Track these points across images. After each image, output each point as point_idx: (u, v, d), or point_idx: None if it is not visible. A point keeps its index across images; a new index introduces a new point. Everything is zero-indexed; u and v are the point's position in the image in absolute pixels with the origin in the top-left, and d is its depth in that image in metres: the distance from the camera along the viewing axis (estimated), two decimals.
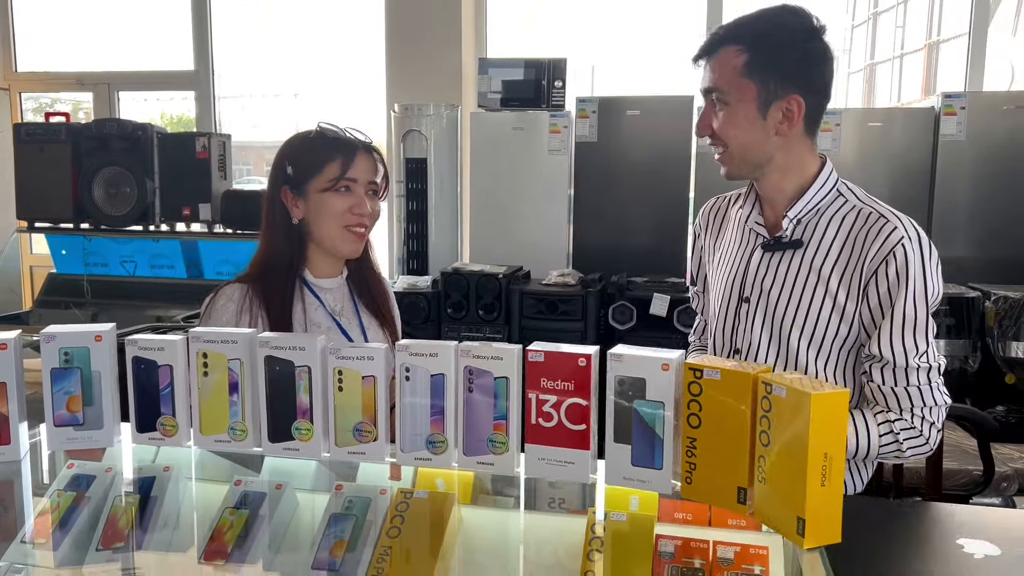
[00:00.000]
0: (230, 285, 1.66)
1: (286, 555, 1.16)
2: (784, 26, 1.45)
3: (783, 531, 0.96)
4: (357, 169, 1.62)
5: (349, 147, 1.63)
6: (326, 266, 1.69)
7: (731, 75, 1.44)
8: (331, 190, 1.61)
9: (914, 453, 1.44)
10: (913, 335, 1.41)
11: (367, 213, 1.64)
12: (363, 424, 1.17)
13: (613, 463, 1.10)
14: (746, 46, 1.44)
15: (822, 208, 1.50)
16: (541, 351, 1.11)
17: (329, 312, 1.68)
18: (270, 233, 1.67)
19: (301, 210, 1.63)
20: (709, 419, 1.03)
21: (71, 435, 1.22)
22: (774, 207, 1.56)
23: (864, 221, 1.46)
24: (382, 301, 1.78)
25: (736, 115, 1.46)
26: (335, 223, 1.62)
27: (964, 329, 3.21)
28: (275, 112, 7.91)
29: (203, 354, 1.20)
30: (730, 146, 1.49)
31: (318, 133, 1.64)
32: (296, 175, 1.62)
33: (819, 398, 0.90)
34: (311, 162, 1.62)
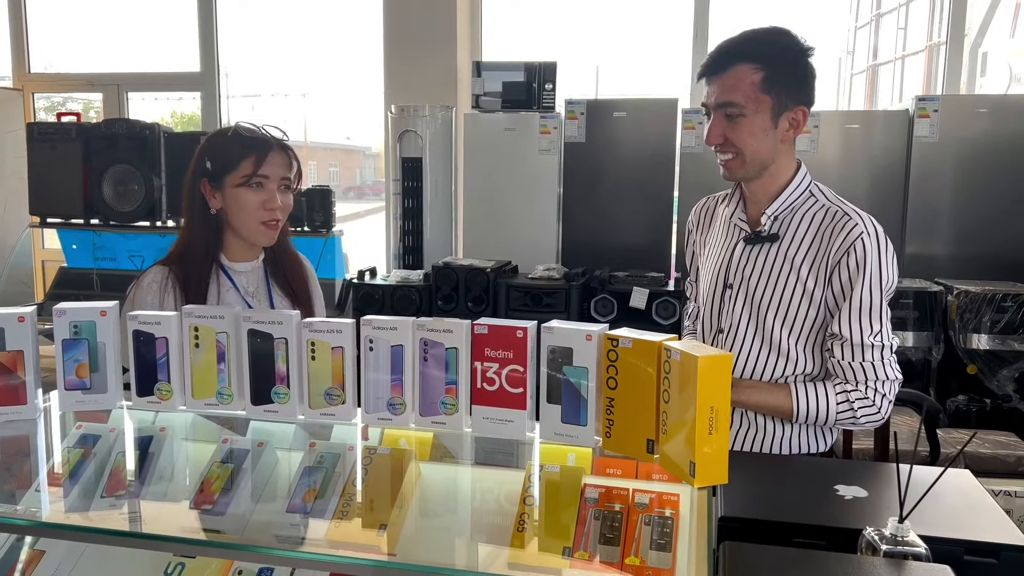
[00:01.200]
0: (153, 268, 1.82)
1: (265, 503, 1.33)
2: (790, 46, 1.65)
3: (679, 474, 1.13)
4: (269, 166, 1.77)
5: (263, 145, 1.78)
6: (242, 251, 1.85)
7: (749, 90, 1.62)
8: (245, 186, 1.76)
9: (867, 421, 1.64)
10: (869, 317, 1.61)
11: (278, 207, 1.79)
12: (333, 389, 1.35)
13: (546, 421, 1.27)
14: (762, 64, 1.62)
15: (796, 206, 1.70)
16: (486, 325, 1.28)
17: (241, 294, 1.84)
18: (190, 221, 1.84)
19: (218, 201, 1.79)
20: (624, 381, 1.20)
21: (79, 398, 1.40)
22: (757, 205, 1.75)
23: (832, 218, 1.66)
24: (295, 280, 1.93)
25: (753, 126, 1.64)
26: (250, 217, 1.78)
27: (927, 322, 3.36)
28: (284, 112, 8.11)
29: (195, 328, 1.38)
30: (745, 153, 1.66)
31: (235, 131, 1.79)
32: (214, 169, 1.78)
33: (705, 360, 1.06)
34: (227, 158, 1.77)
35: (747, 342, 1.73)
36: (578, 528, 1.22)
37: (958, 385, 3.40)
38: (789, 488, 1.20)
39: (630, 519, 1.22)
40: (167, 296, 1.77)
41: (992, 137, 3.91)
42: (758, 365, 1.73)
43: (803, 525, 1.06)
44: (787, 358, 1.70)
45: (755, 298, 1.72)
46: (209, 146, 1.81)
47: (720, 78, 1.65)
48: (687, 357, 1.09)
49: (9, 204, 5.25)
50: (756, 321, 1.72)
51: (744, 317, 1.74)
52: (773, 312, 1.69)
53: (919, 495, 1.02)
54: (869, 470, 1.29)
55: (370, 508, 1.29)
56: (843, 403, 1.63)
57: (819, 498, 1.15)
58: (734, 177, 1.73)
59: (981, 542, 1.02)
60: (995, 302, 3.29)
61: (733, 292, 1.76)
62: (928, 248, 3.90)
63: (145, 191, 4.47)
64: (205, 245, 1.81)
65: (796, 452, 1.73)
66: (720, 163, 1.71)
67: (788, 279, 1.68)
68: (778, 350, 1.70)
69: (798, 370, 1.70)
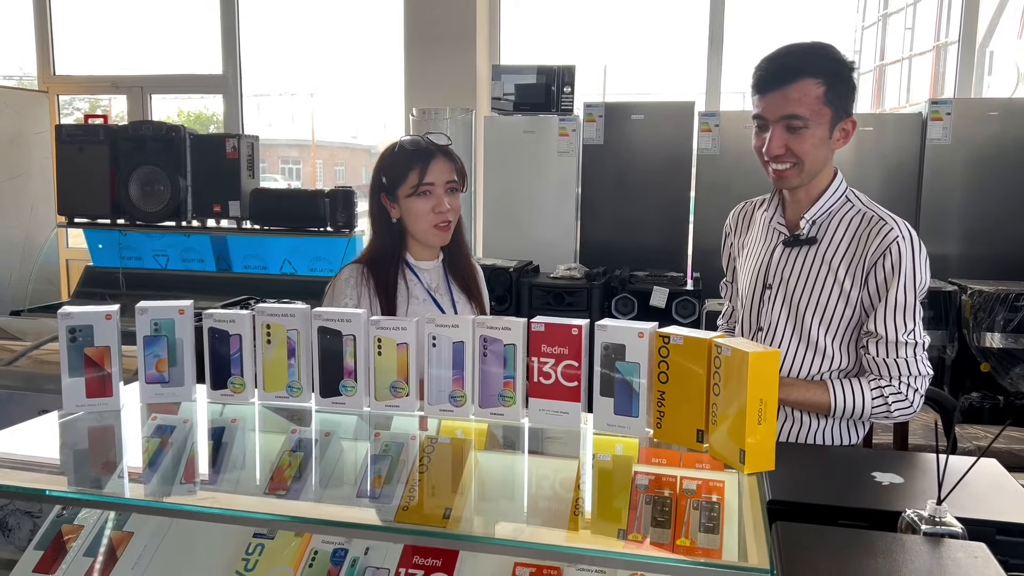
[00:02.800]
0: (348, 266, 1.99)
1: (335, 489, 1.42)
2: (844, 61, 1.72)
3: (730, 461, 1.22)
4: (433, 174, 1.92)
5: (424, 155, 1.93)
6: (423, 252, 2.02)
7: (813, 103, 1.68)
8: (414, 195, 1.92)
9: (901, 414, 1.73)
10: (904, 316, 1.69)
11: (447, 210, 1.94)
12: (398, 383, 1.44)
13: (599, 413, 1.36)
14: (824, 79, 1.68)
15: (833, 211, 1.78)
16: (543, 323, 1.37)
17: (426, 288, 1.99)
18: (376, 230, 2.03)
19: (397, 211, 1.97)
20: (674, 376, 1.29)
21: (159, 391, 1.49)
22: (796, 209, 1.82)
23: (868, 223, 1.74)
24: (471, 280, 2.10)
25: (815, 137, 1.70)
26: (423, 223, 1.94)
27: (942, 321, 3.44)
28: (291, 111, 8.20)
29: (267, 325, 1.47)
30: (806, 162, 1.72)
31: (400, 147, 1.96)
32: (388, 184, 1.96)
33: (755, 356, 1.15)
34: (396, 173, 1.94)
35: (785, 340, 1.81)
36: (630, 512, 1.30)
37: (972, 382, 3.48)
38: (830, 475, 1.29)
39: (679, 504, 1.31)
40: (363, 289, 1.94)
41: (1003, 139, 3.99)
42: (796, 362, 1.81)
43: (846, 508, 1.14)
44: (824, 355, 1.78)
45: (794, 298, 1.80)
46: (381, 163, 1.99)
47: (783, 91, 1.69)
48: (738, 353, 1.18)
49: (36, 204, 5.36)
50: (794, 320, 1.79)
51: (783, 316, 1.82)
52: (811, 312, 1.77)
53: (952, 481, 1.11)
54: (903, 459, 1.38)
55: (433, 493, 1.39)
56: (878, 397, 1.71)
57: (858, 484, 1.23)
58: (787, 185, 1.78)
59: (1012, 523, 1.11)
60: (1008, 301, 3.37)
61: (772, 292, 1.84)
62: (942, 248, 3.98)
63: (171, 192, 4.56)
64: (392, 248, 1.99)
65: (831, 443, 1.80)
66: (774, 172, 1.76)
67: (826, 281, 1.76)
68: (815, 348, 1.78)
69: (834, 366, 1.79)
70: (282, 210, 4.49)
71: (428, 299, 1.99)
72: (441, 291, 2.03)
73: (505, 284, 3.82)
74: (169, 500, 1.38)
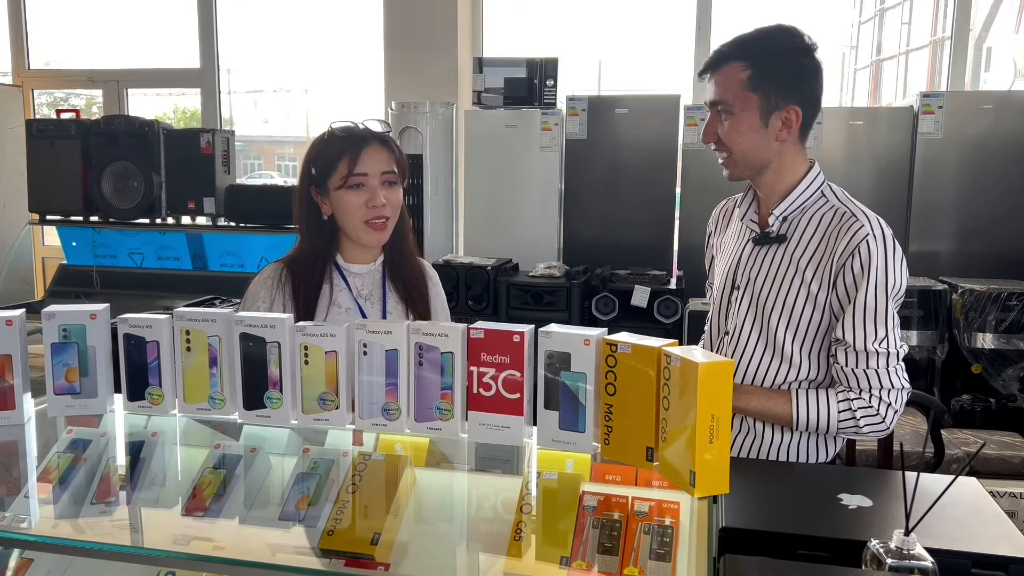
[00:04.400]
0: (270, 265, 1.80)
1: (258, 509, 1.31)
2: (783, 44, 1.63)
3: (679, 483, 1.10)
4: (366, 163, 1.70)
5: (356, 142, 1.71)
6: (358, 253, 1.80)
7: (736, 88, 1.61)
8: (344, 187, 1.70)
9: (871, 430, 1.58)
10: (874, 322, 1.56)
11: (382, 204, 1.71)
12: (327, 394, 1.32)
13: (543, 427, 1.25)
14: (749, 63, 1.61)
15: (806, 207, 1.67)
16: (482, 329, 1.26)
17: (353, 295, 1.78)
18: (305, 228, 1.80)
19: (328, 207, 1.74)
20: (622, 388, 1.17)
21: (69, 403, 1.38)
22: (767, 205, 1.72)
23: (839, 220, 1.61)
24: (413, 287, 1.85)
25: (741, 124, 1.62)
26: (354, 218, 1.71)
27: (932, 321, 3.33)
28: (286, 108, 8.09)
29: (186, 332, 1.36)
30: (734, 152, 1.65)
31: (330, 133, 1.74)
32: (318, 175, 1.73)
33: (706, 367, 1.04)
34: (326, 162, 1.71)
35: (751, 345, 1.70)
36: (576, 537, 1.20)
37: (962, 384, 3.37)
38: (792, 497, 1.17)
39: (629, 528, 1.19)
40: (277, 293, 1.75)
41: (997, 133, 3.87)
42: (760, 369, 1.69)
43: (806, 536, 1.03)
44: (791, 363, 1.66)
45: (760, 300, 1.69)
46: (310, 152, 1.77)
47: (713, 77, 1.65)
48: (687, 364, 1.06)
49: (9, 201, 5.24)
50: (760, 324, 1.68)
51: (749, 320, 1.71)
52: (777, 315, 1.66)
53: (925, 504, 0.99)
54: (873, 478, 1.26)
55: (364, 515, 1.27)
56: (845, 411, 1.57)
57: (823, 508, 1.12)
58: (733, 176, 1.71)
59: (989, 555, 0.99)
60: (1000, 300, 3.26)
61: (739, 294, 1.73)
62: (932, 246, 3.87)
63: (144, 188, 4.45)
64: (320, 249, 1.77)
65: (796, 460, 1.68)
66: (720, 163, 1.71)
67: (792, 282, 1.64)
68: (781, 354, 1.66)
69: (802, 376, 1.66)
70: (258, 206, 4.38)
71: (354, 308, 1.78)
72: (373, 299, 1.82)
73: (483, 283, 3.70)
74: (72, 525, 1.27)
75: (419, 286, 1.88)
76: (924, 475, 1.11)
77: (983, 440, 2.89)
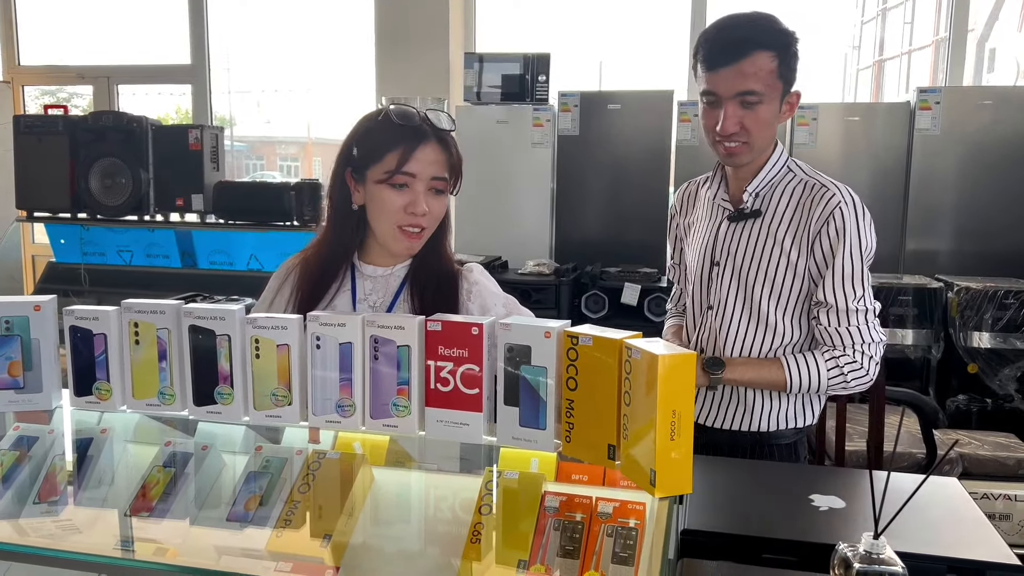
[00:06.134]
0: (292, 257, 1.66)
1: (206, 510, 1.25)
2: (790, 32, 1.68)
3: (640, 483, 1.04)
4: (418, 163, 1.47)
5: (413, 136, 1.47)
6: (379, 255, 1.60)
7: (768, 78, 1.64)
8: (386, 183, 1.48)
9: (857, 384, 1.69)
10: (852, 282, 1.67)
11: (423, 213, 1.49)
12: (279, 389, 1.26)
13: (503, 424, 1.18)
14: (776, 51, 1.64)
15: (776, 182, 1.76)
16: (439, 321, 1.20)
17: (355, 300, 1.58)
18: (331, 214, 1.59)
19: (361, 196, 1.53)
20: (584, 382, 1.11)
21: (12, 398, 1.32)
22: (739, 183, 1.79)
23: (810, 191, 1.71)
24: (440, 299, 1.56)
25: (768, 113, 1.67)
26: (387, 221, 1.51)
27: (927, 319, 3.26)
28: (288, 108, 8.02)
29: (134, 323, 1.30)
30: (756, 140, 1.69)
31: (385, 115, 1.50)
32: (359, 158, 1.51)
33: (666, 359, 0.97)
34: (372, 148, 1.50)
35: (736, 317, 1.77)
36: (536, 539, 1.14)
37: (958, 384, 3.31)
38: (761, 497, 1.11)
39: (592, 530, 1.14)
40: (286, 285, 1.62)
41: (996, 130, 3.81)
42: (748, 339, 1.77)
43: (772, 539, 0.97)
44: (775, 331, 1.74)
45: (742, 273, 1.76)
46: (356, 130, 1.54)
47: (738, 66, 1.63)
48: (648, 356, 1.00)
49: None
50: (744, 295, 1.77)
51: (732, 292, 1.78)
52: (760, 285, 1.74)
53: (900, 506, 0.93)
54: (848, 478, 1.20)
55: (316, 516, 1.21)
56: (833, 368, 1.68)
57: (792, 509, 1.06)
58: (737, 163, 1.74)
59: (965, 559, 0.93)
60: (997, 299, 3.19)
61: (720, 269, 1.80)
62: (929, 243, 3.81)
63: (132, 185, 4.38)
64: (343, 243, 1.58)
65: (786, 427, 1.75)
66: (725, 150, 1.71)
67: (772, 252, 1.73)
68: (766, 323, 1.74)
69: (785, 341, 1.75)
70: (247, 204, 4.32)
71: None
72: (380, 308, 1.58)
73: None
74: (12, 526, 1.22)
75: (447, 298, 1.58)
76: (901, 475, 1.05)
77: (977, 441, 2.82)
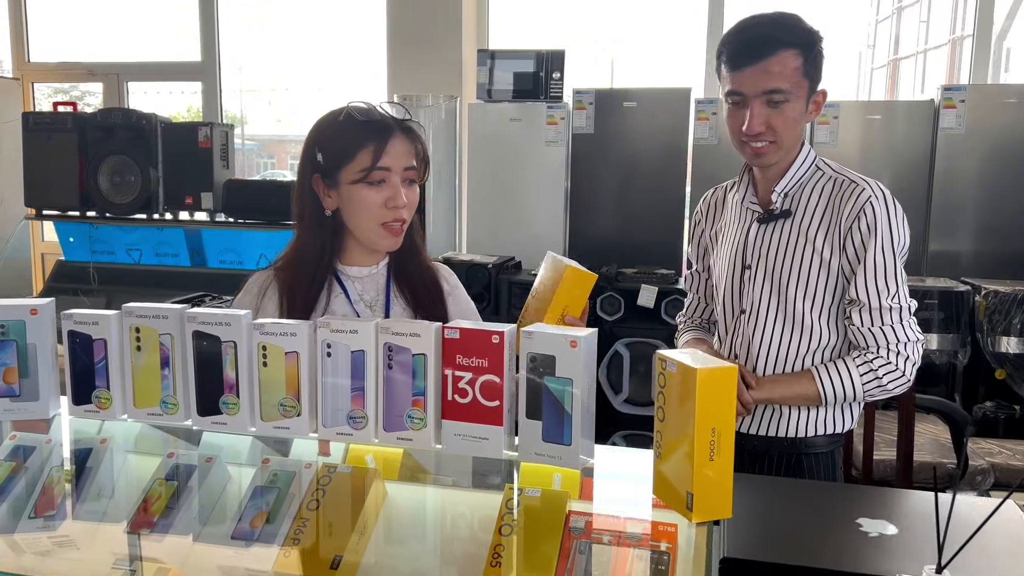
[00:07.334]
0: (257, 273, 1.59)
1: (210, 526, 1.19)
2: (814, 31, 1.66)
3: (675, 506, 0.97)
4: (391, 156, 1.47)
5: (381, 131, 1.47)
6: (360, 255, 1.58)
7: (794, 76, 1.62)
8: (363, 182, 1.47)
9: (895, 386, 1.64)
10: (885, 279, 1.62)
11: (403, 205, 1.49)
12: (287, 400, 1.19)
13: (525, 439, 1.11)
14: (801, 49, 1.62)
15: (804, 181, 1.73)
16: (457, 328, 1.13)
17: (351, 301, 1.56)
18: (301, 224, 1.55)
19: (334, 200, 1.51)
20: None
21: (7, 406, 1.26)
22: (767, 185, 1.76)
23: (840, 187, 1.69)
24: (424, 294, 1.61)
25: (795, 111, 1.64)
26: (370, 220, 1.49)
27: (953, 323, 3.17)
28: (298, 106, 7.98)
29: (135, 328, 1.23)
30: (784, 140, 1.66)
31: (347, 115, 1.49)
32: (327, 163, 1.49)
33: (706, 373, 0.90)
34: (341, 150, 1.48)
35: (770, 320, 1.74)
36: (560, 563, 1.06)
37: (985, 390, 3.22)
38: (804, 521, 1.04)
39: (620, 553, 1.07)
40: (267, 302, 1.53)
41: (1021, 128, 3.71)
42: (782, 342, 1.73)
43: (820, 570, 0.89)
44: (810, 334, 1.71)
45: (775, 274, 1.73)
46: (318, 135, 1.51)
47: (763, 64, 1.61)
48: (684, 369, 0.93)
49: (7, 196, 5.15)
50: (778, 297, 1.73)
51: (766, 295, 1.74)
52: (794, 286, 1.71)
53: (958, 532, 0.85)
54: (896, 499, 1.12)
55: (326, 535, 1.15)
56: (867, 374, 1.63)
57: (839, 535, 0.98)
58: (764, 163, 1.71)
59: None
60: None
61: (752, 272, 1.77)
62: (954, 245, 3.71)
63: (141, 183, 4.33)
64: (320, 252, 1.53)
65: (821, 433, 1.72)
66: (752, 150, 1.68)
67: (805, 252, 1.70)
68: (801, 325, 1.71)
69: (822, 344, 1.71)
70: (256, 202, 4.26)
71: (351, 315, 1.55)
72: (376, 306, 1.58)
73: (483, 282, 3.58)
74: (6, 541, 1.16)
75: (431, 292, 1.64)
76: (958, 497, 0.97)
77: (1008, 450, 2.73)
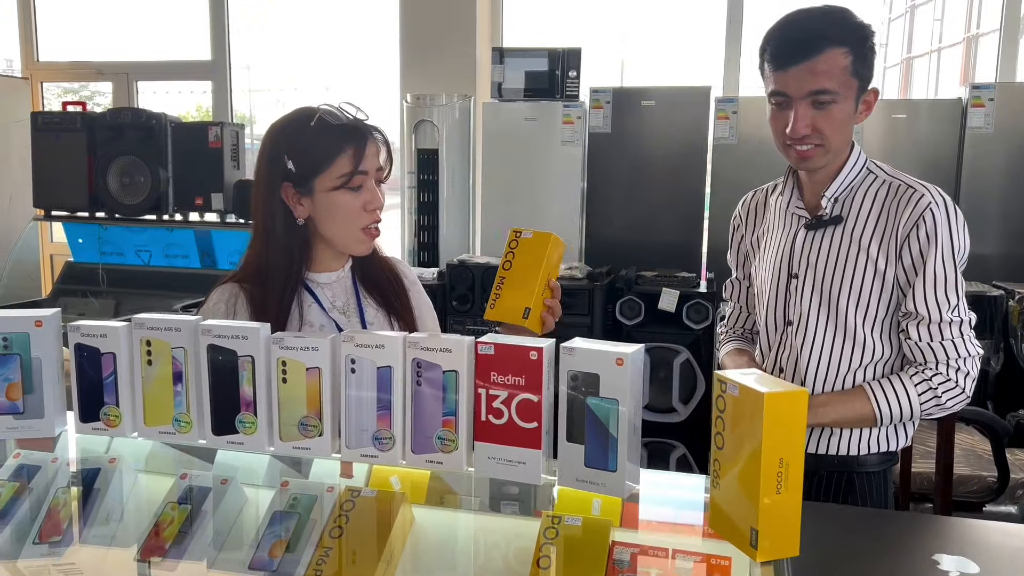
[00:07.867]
0: (221, 286, 1.52)
1: (226, 553, 1.11)
2: (864, 26, 1.57)
3: (736, 542, 0.89)
4: (368, 159, 1.45)
5: (359, 134, 1.44)
6: (327, 260, 1.54)
7: (841, 75, 1.53)
8: (343, 187, 1.43)
9: (954, 403, 1.56)
10: (945, 291, 1.53)
11: (381, 206, 1.48)
12: (308, 418, 1.12)
13: (565, 464, 1.03)
14: (850, 47, 1.53)
15: (855, 185, 1.63)
16: (491, 343, 1.04)
17: (325, 311, 1.52)
18: (268, 235, 1.48)
19: (306, 208, 1.46)
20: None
21: (10, 424, 1.18)
22: (815, 189, 1.67)
23: (895, 192, 1.59)
24: (390, 292, 1.60)
25: (843, 113, 1.55)
26: (350, 225, 1.46)
27: (986, 329, 3.08)
28: None
29: (147, 342, 1.16)
30: (832, 143, 1.57)
31: (320, 119, 1.43)
32: (300, 171, 1.43)
33: (773, 397, 0.82)
34: (319, 156, 1.43)
35: (819, 331, 1.65)
36: None
37: (1019, 398, 3.12)
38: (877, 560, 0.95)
39: None
40: (238, 318, 1.47)
41: None
42: (833, 356, 1.64)
43: None
44: (863, 347, 1.61)
45: (824, 284, 1.64)
46: (286, 142, 1.45)
47: (809, 64, 1.52)
48: (749, 393, 0.84)
49: (16, 196, 5.10)
50: (828, 308, 1.64)
51: (815, 305, 1.65)
52: (845, 296, 1.61)
53: None
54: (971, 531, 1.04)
55: (350, 563, 1.07)
56: (925, 392, 1.55)
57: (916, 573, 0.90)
58: (811, 167, 1.62)
59: None
60: None
61: (799, 281, 1.67)
62: (984, 248, 3.61)
63: (151, 183, 4.27)
64: (289, 262, 1.47)
65: (876, 451, 1.63)
66: (797, 153, 1.59)
67: (857, 260, 1.60)
68: (853, 338, 1.62)
69: (876, 357, 1.62)
70: None
71: (329, 324, 1.51)
72: (349, 310, 1.54)
73: None
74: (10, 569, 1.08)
75: (396, 290, 1.62)
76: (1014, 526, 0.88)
77: None
